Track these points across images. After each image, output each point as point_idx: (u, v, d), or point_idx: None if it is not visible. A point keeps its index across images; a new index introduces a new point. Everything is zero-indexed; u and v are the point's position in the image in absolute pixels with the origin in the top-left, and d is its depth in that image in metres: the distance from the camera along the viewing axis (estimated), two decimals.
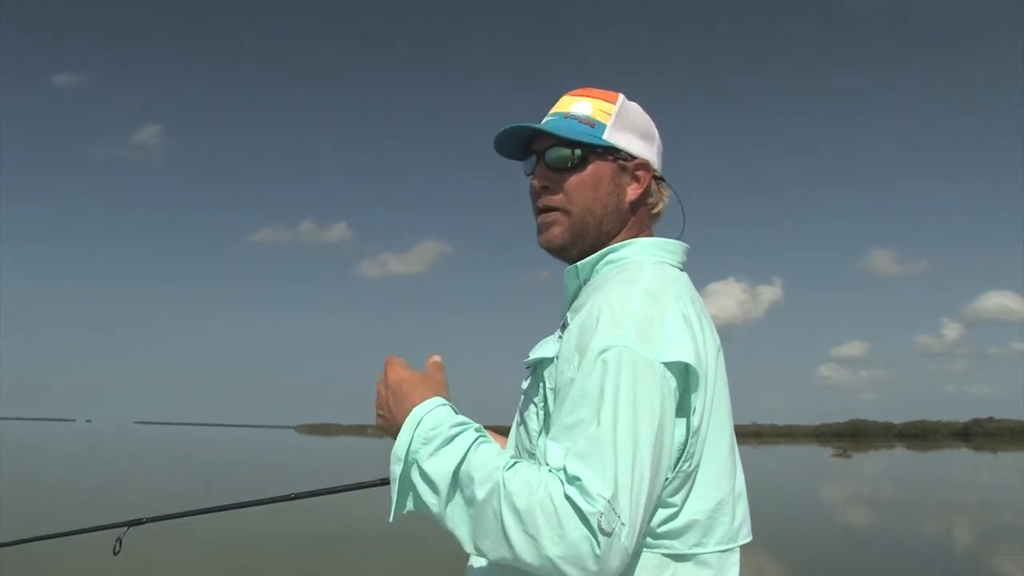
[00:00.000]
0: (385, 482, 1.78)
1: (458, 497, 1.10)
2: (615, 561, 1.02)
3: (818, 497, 25.20)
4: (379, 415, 1.28)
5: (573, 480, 1.04)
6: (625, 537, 1.02)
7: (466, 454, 1.12)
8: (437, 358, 1.35)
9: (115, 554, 1.90)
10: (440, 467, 1.12)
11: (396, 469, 1.17)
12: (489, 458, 1.11)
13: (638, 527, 1.05)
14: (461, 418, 1.20)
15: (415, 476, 1.15)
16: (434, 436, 1.15)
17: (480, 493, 1.07)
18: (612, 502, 1.02)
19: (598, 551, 1.00)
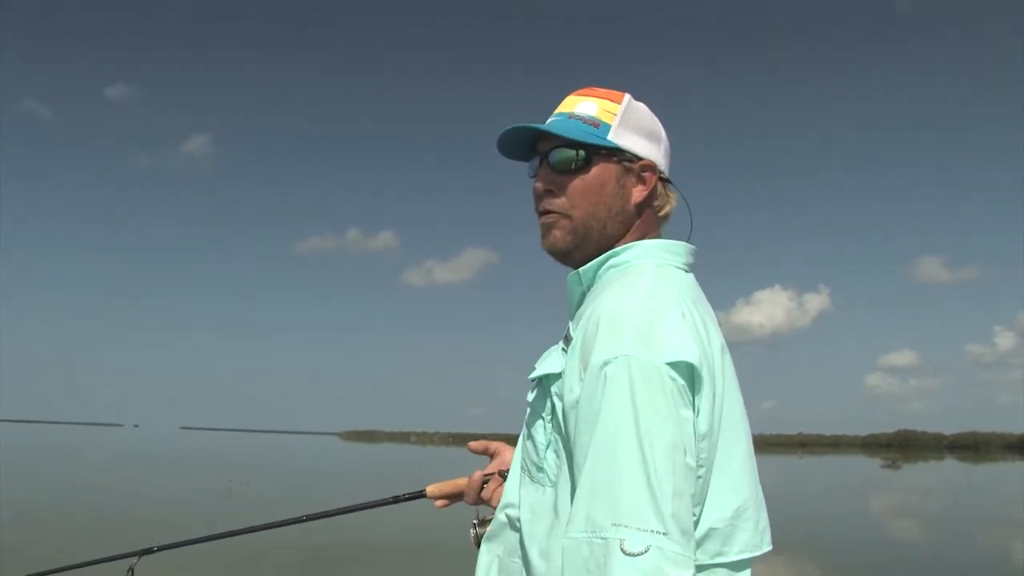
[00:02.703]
0: (396, 500, 1.72)
1: None
2: (674, 570, 0.97)
3: (868, 509, 24.67)
4: None
5: (577, 526, 1.02)
6: (671, 544, 0.98)
7: None
8: None
9: None
10: None
11: None
12: None
13: (681, 529, 1.00)
14: None
15: None
16: None
17: None
18: (630, 522, 0.99)
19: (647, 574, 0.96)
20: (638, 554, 0.97)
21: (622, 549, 0.97)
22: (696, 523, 1.12)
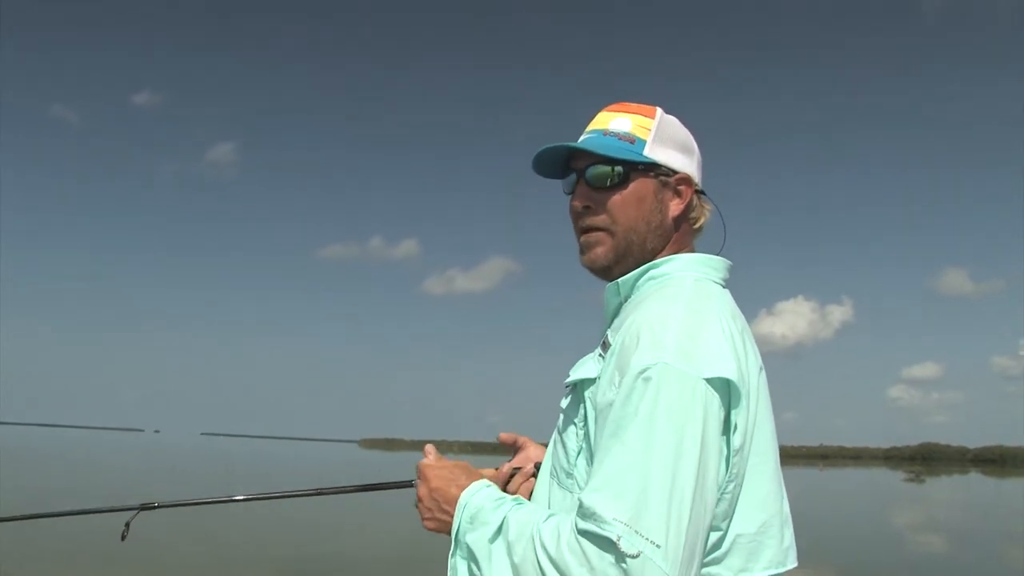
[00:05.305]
0: (409, 484, 1.66)
1: (504, 559, 1.11)
2: None
3: (893, 523, 24.21)
4: (430, 520, 1.29)
5: (585, 511, 1.03)
6: (662, 560, 0.97)
7: (505, 519, 1.14)
8: (430, 447, 1.41)
9: (122, 539, 1.73)
10: (483, 537, 1.15)
11: (451, 559, 1.19)
12: (526, 516, 1.14)
13: (682, 549, 1.00)
14: (502, 494, 1.24)
15: (465, 554, 1.17)
16: (478, 512, 1.18)
17: (519, 549, 1.09)
18: (633, 523, 0.99)
19: None
20: (629, 555, 0.97)
21: (616, 544, 0.98)
22: (722, 538, 1.14)
